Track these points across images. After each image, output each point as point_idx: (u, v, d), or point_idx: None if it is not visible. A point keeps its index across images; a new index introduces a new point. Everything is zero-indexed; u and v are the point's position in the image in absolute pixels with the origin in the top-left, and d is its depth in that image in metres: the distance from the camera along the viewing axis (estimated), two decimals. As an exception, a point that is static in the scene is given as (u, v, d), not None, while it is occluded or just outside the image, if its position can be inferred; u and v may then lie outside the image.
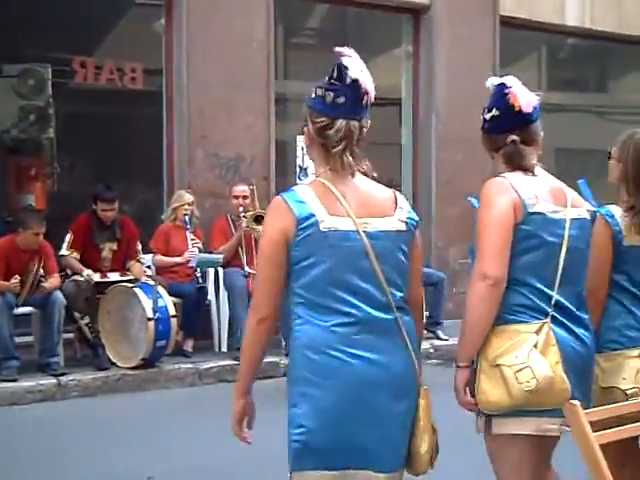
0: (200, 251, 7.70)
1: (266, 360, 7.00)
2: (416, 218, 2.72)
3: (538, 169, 3.07)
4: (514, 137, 3.01)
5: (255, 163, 8.43)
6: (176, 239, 7.75)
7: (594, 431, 2.61)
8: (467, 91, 8.18)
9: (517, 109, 2.99)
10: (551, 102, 11.45)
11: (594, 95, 11.97)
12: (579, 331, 2.95)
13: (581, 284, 3.05)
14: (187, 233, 7.71)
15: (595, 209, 3.21)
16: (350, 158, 2.61)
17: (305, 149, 2.81)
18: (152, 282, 7.10)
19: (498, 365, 2.82)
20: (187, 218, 7.69)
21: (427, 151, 9.31)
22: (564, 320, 2.92)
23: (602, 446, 2.62)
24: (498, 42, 9.38)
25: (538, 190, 2.97)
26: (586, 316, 3.03)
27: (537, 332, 2.84)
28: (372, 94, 2.62)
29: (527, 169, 3.01)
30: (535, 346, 2.81)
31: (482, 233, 2.89)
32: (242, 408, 2.71)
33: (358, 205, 2.61)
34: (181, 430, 5.71)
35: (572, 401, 2.68)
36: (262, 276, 2.62)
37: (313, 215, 2.55)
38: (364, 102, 2.61)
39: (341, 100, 2.58)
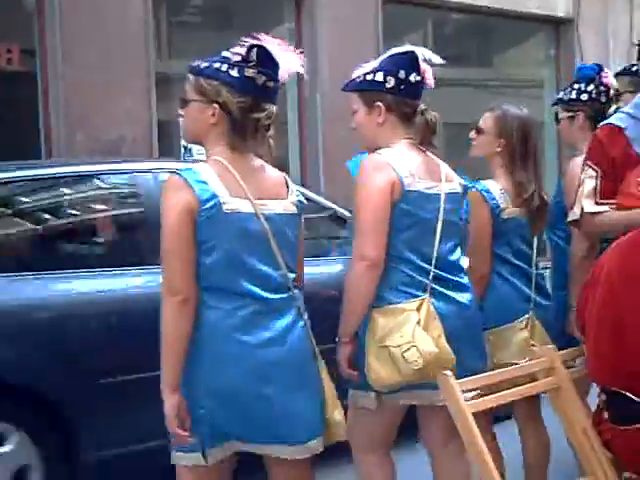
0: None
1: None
2: (304, 201, 2.77)
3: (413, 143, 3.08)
4: (425, 106, 3.05)
5: (137, 144, 8.25)
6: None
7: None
8: (351, 69, 8.18)
9: (425, 80, 3.06)
10: (437, 77, 11.61)
11: (479, 70, 12.16)
12: (460, 297, 3.05)
13: (457, 254, 3.11)
14: (66, 219, 7.51)
15: (467, 183, 3.25)
16: (272, 141, 2.67)
17: (193, 124, 2.69)
18: None
19: (386, 346, 2.87)
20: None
21: (314, 130, 9.29)
22: (444, 290, 3.00)
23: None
24: (381, 18, 9.41)
25: (415, 166, 2.99)
26: (466, 280, 3.12)
27: (418, 309, 2.91)
28: (291, 72, 2.71)
29: (427, 146, 3.08)
30: (418, 323, 2.87)
31: (360, 213, 2.91)
32: (177, 403, 2.58)
33: (256, 187, 2.62)
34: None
35: (445, 371, 2.75)
36: (175, 255, 2.51)
37: (215, 196, 2.51)
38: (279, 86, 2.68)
39: (271, 84, 2.62)
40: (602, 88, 3.78)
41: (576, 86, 3.81)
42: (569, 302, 3.66)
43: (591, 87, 3.77)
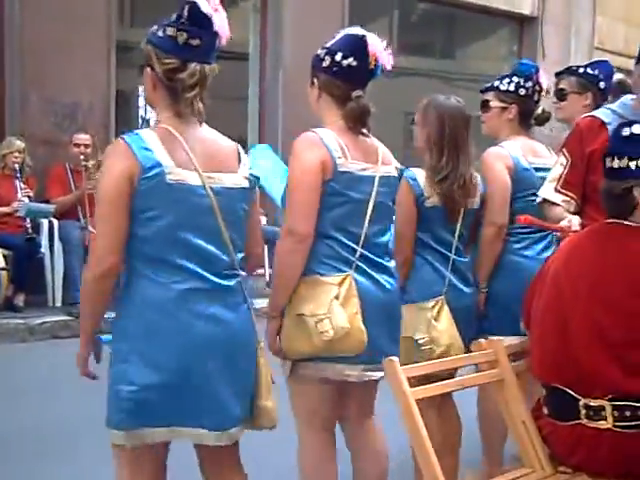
0: (30, 200, 7.37)
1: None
2: (257, 175, 2.65)
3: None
4: (360, 92, 3.00)
5: (94, 111, 8.12)
6: (4, 188, 7.40)
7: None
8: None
9: (372, 67, 2.97)
10: (401, 66, 11.63)
11: (442, 61, 12.22)
12: (383, 279, 3.08)
13: (386, 236, 3.15)
14: (17, 182, 7.37)
15: (401, 166, 3.30)
16: (201, 104, 2.50)
17: (145, 92, 2.62)
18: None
19: (301, 314, 2.93)
20: (17, 166, 7.34)
21: (274, 107, 9.25)
22: (369, 270, 3.04)
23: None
24: (347, 1, 9.39)
25: (348, 147, 3.00)
26: (392, 264, 3.16)
27: (340, 284, 2.96)
28: (225, 35, 2.52)
29: (359, 130, 3.04)
30: (337, 297, 2.93)
31: (291, 189, 2.93)
32: (87, 351, 2.59)
33: (205, 158, 2.50)
34: (6, 390, 5.46)
35: (391, 357, 2.76)
36: (106, 223, 2.43)
37: (159, 165, 2.41)
38: (217, 45, 2.51)
39: (195, 42, 2.46)
40: (537, 87, 3.87)
41: (515, 79, 3.86)
42: (480, 284, 3.80)
43: (529, 84, 3.84)
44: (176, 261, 2.46)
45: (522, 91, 3.86)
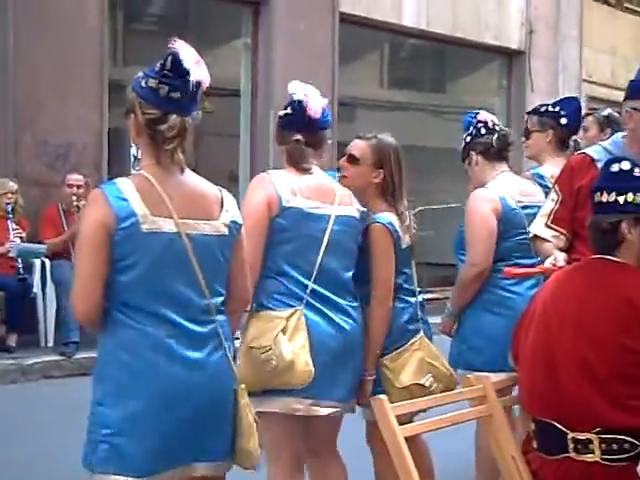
0: (22, 241, 7.38)
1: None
2: (240, 221, 2.68)
3: (316, 169, 3.27)
4: (299, 137, 3.23)
5: (87, 151, 8.17)
6: (-4, 229, 7.42)
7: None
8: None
9: (308, 113, 3.20)
10: (392, 100, 11.74)
11: (433, 95, 12.33)
12: (337, 317, 3.19)
13: (345, 275, 3.25)
14: (9, 223, 7.38)
15: (365, 210, 3.39)
16: (181, 155, 2.52)
17: (132, 137, 2.67)
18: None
19: (251, 347, 3.08)
20: (10, 207, 7.36)
21: (265, 144, 9.31)
22: (321, 307, 3.15)
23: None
24: (337, 38, 9.49)
25: (302, 187, 3.18)
26: (352, 304, 3.25)
27: (288, 318, 3.09)
28: (206, 85, 2.55)
29: (302, 168, 3.22)
30: (283, 331, 3.06)
31: (243, 225, 3.04)
32: None
33: (183, 205, 2.53)
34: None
35: (379, 395, 2.82)
36: (82, 269, 2.48)
37: (134, 214, 2.44)
38: (198, 96, 2.54)
39: (176, 95, 2.49)
40: (479, 124, 3.97)
41: (464, 136, 4.03)
42: (449, 307, 3.97)
43: (470, 129, 3.98)
44: (152, 308, 2.48)
45: (468, 138, 3.99)
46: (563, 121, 4.27)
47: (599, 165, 3.27)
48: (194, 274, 2.52)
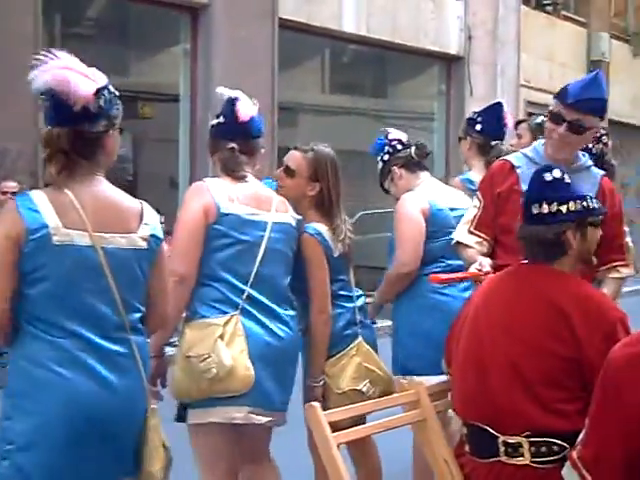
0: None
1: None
2: (160, 236, 2.63)
3: (251, 177, 3.29)
4: (233, 145, 3.24)
5: (22, 158, 8.02)
6: None
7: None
8: (246, 91, 8.21)
9: (240, 121, 3.24)
10: (333, 105, 11.78)
11: (374, 99, 12.41)
12: (274, 325, 3.20)
13: (282, 282, 3.28)
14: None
15: (299, 217, 3.42)
16: (53, 168, 2.47)
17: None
18: None
19: (188, 356, 3.06)
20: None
21: (205, 150, 9.20)
22: (257, 314, 3.16)
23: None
24: (277, 44, 9.48)
25: (239, 194, 3.20)
26: (289, 312, 3.28)
27: (226, 324, 3.09)
28: (90, 98, 2.49)
29: (238, 177, 3.23)
30: (221, 337, 3.06)
31: (175, 233, 3.13)
32: None
33: (99, 218, 2.48)
34: None
35: (313, 403, 2.81)
36: None
37: (45, 226, 2.40)
38: (94, 109, 2.51)
39: (68, 110, 2.46)
40: (394, 142, 4.02)
41: (379, 159, 4.04)
42: (376, 299, 4.05)
43: (385, 149, 4.03)
44: (63, 322, 2.44)
45: (386, 157, 4.02)
46: (478, 127, 4.41)
47: (519, 171, 3.36)
48: (109, 289, 2.48)
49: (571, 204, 2.85)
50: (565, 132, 3.27)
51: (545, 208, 2.82)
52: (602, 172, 3.51)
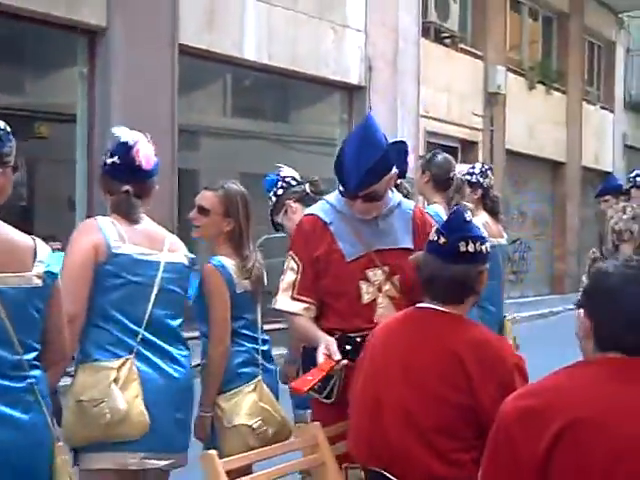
0: None
1: None
2: (55, 271, 2.56)
3: (143, 216, 3.23)
4: (128, 188, 3.16)
5: None
6: None
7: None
8: (145, 116, 8.06)
9: (138, 164, 3.13)
10: (235, 128, 11.71)
11: (276, 124, 12.41)
12: (168, 367, 3.13)
13: (174, 323, 3.21)
14: None
15: (193, 256, 3.37)
16: None
17: None
18: None
19: (80, 401, 2.97)
20: None
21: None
22: (151, 356, 3.09)
23: None
24: (177, 69, 9.34)
25: (131, 234, 3.13)
26: (183, 352, 3.21)
27: (120, 368, 3.01)
28: None
29: (131, 219, 3.16)
30: (115, 381, 2.98)
31: (63, 272, 2.93)
32: None
33: None
34: None
35: (209, 451, 2.78)
36: None
37: None
38: None
39: None
40: (287, 178, 4.00)
41: (271, 194, 4.01)
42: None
43: (279, 184, 3.99)
44: None
45: (274, 198, 4.00)
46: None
47: (332, 229, 3.28)
48: (4, 329, 2.41)
49: (486, 244, 2.89)
50: (363, 205, 3.23)
51: (471, 246, 2.83)
52: (413, 204, 3.50)
